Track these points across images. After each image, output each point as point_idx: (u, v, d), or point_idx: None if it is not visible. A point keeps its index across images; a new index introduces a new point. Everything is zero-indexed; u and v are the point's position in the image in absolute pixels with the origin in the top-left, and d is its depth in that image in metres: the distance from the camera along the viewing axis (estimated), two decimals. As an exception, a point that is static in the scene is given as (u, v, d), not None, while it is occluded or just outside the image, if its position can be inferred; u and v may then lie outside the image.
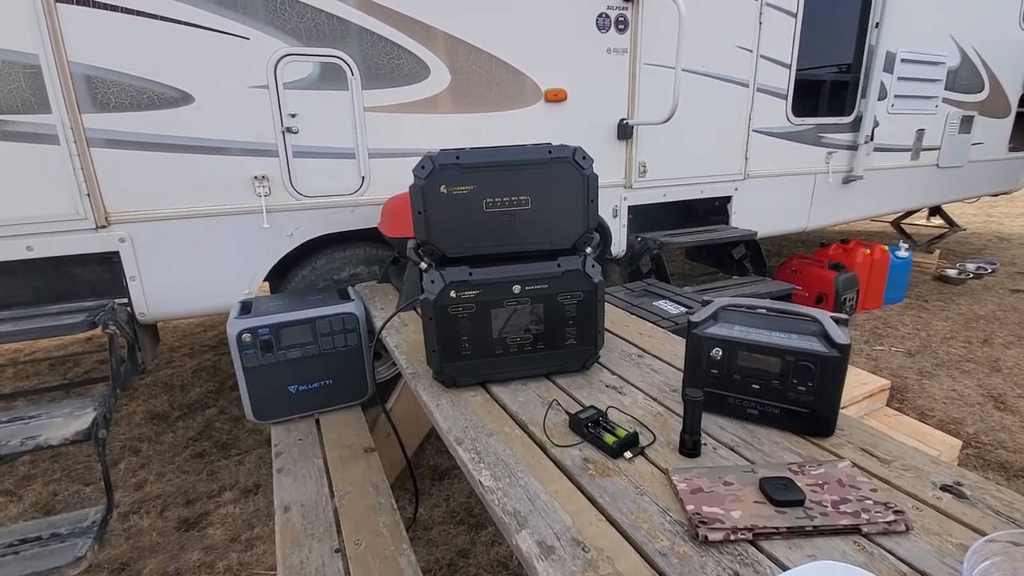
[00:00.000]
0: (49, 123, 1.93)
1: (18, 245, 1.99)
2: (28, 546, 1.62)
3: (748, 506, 0.98)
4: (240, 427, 2.96)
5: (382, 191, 2.48)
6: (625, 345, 1.75)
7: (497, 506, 1.04)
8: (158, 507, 2.36)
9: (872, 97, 3.85)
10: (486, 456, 1.19)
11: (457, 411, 1.38)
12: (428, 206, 1.36)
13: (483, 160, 1.36)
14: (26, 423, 1.76)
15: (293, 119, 2.25)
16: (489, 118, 2.61)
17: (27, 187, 1.96)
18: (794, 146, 3.63)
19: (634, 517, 0.99)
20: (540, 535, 0.96)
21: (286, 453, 1.93)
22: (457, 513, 2.29)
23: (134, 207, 2.10)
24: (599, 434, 1.20)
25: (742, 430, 1.24)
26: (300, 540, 1.51)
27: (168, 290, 2.21)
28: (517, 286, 1.41)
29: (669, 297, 2.40)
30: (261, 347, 1.98)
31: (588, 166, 1.40)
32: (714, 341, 1.25)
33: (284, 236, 2.36)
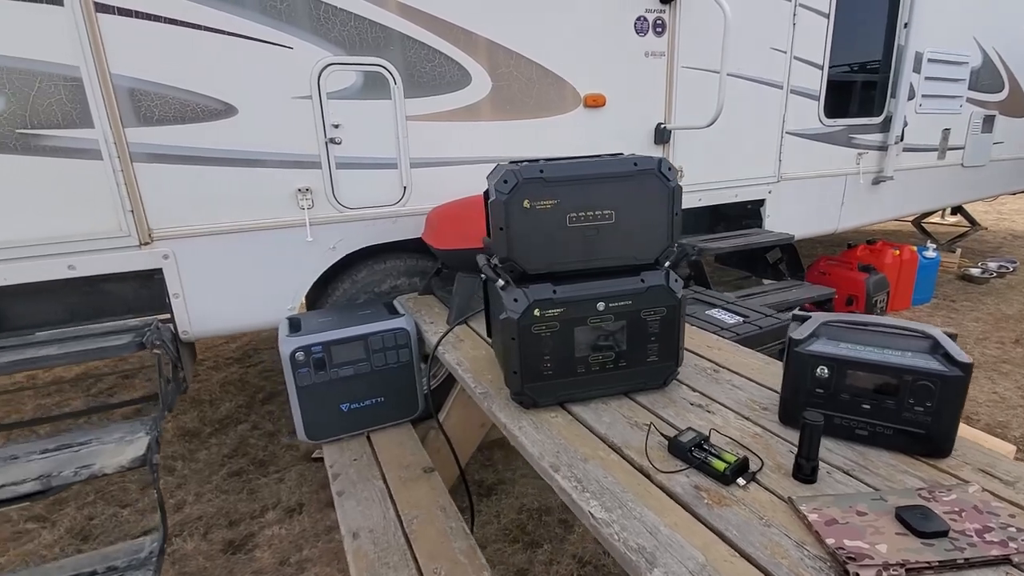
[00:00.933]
0: (92, 138, 1.87)
1: (60, 264, 1.92)
2: (84, 580, 1.56)
3: (891, 538, 0.93)
4: (275, 443, 2.90)
5: (423, 201, 2.42)
6: (696, 359, 1.70)
7: (618, 541, 0.99)
8: (201, 529, 2.30)
9: (902, 97, 3.82)
10: (588, 484, 1.14)
11: (542, 434, 1.33)
12: (510, 222, 1.31)
13: (567, 174, 1.31)
14: (76, 451, 1.70)
15: (336, 130, 2.19)
16: (529, 125, 2.56)
17: (69, 204, 1.90)
18: (826, 147, 3.59)
19: (770, 552, 0.93)
20: (675, 574, 0.90)
21: (343, 475, 1.87)
22: (510, 531, 2.24)
23: (177, 223, 2.04)
24: (706, 459, 1.14)
25: (851, 452, 1.19)
26: (376, 570, 1.45)
27: (211, 307, 2.15)
28: (601, 303, 1.36)
29: (721, 306, 2.35)
30: (314, 365, 1.92)
31: (673, 177, 1.35)
32: (820, 359, 1.20)
33: (327, 249, 2.30)
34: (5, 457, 1.68)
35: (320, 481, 2.57)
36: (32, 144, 1.82)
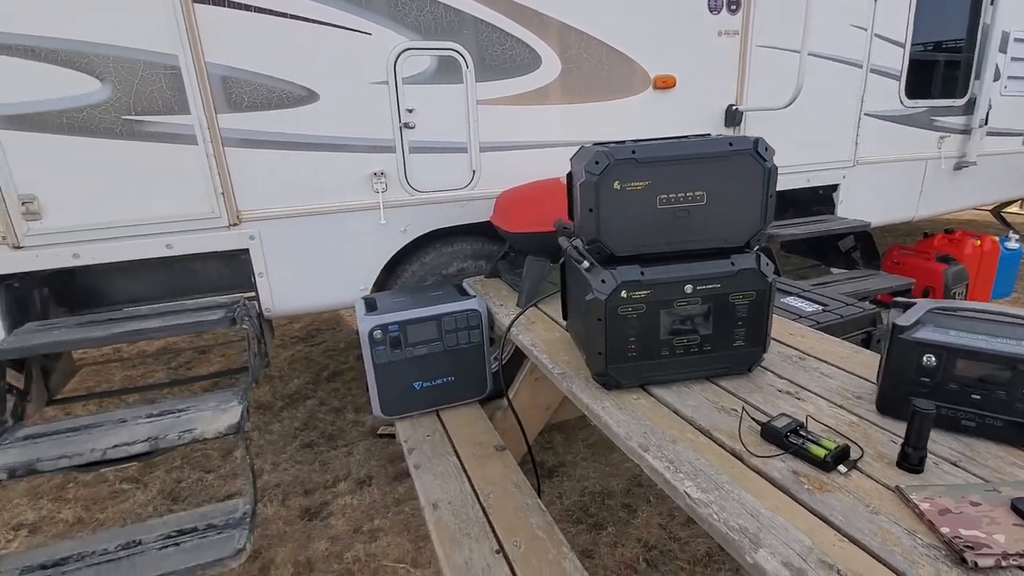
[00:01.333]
0: (188, 123, 1.98)
1: (159, 243, 2.05)
2: (187, 537, 1.68)
3: (1008, 529, 0.90)
4: (342, 418, 3.02)
5: (491, 185, 2.45)
6: (780, 347, 1.67)
7: (718, 521, 0.99)
8: (279, 496, 2.43)
9: (987, 78, 3.56)
10: (681, 465, 1.14)
11: (627, 415, 1.34)
12: (600, 203, 1.31)
13: (659, 154, 1.29)
14: (177, 416, 1.82)
15: (410, 114, 2.24)
16: (597, 108, 2.54)
17: (167, 187, 2.02)
18: (906, 130, 3.40)
19: (881, 539, 0.92)
20: (782, 555, 0.90)
21: (418, 450, 1.94)
22: (573, 512, 2.26)
23: (262, 205, 2.14)
24: (803, 445, 1.13)
25: (957, 443, 1.15)
26: (458, 539, 1.50)
27: (291, 286, 2.25)
28: (689, 286, 1.35)
29: (798, 294, 2.28)
30: (391, 344, 1.99)
31: (769, 158, 1.31)
32: (928, 347, 1.15)
33: (398, 232, 2.36)
34: (115, 420, 1.82)
35: (387, 456, 2.66)
36: (136, 130, 1.94)
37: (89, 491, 2.52)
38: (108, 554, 1.60)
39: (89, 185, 1.93)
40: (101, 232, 1.98)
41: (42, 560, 1.58)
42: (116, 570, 1.53)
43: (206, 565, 1.55)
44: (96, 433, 1.73)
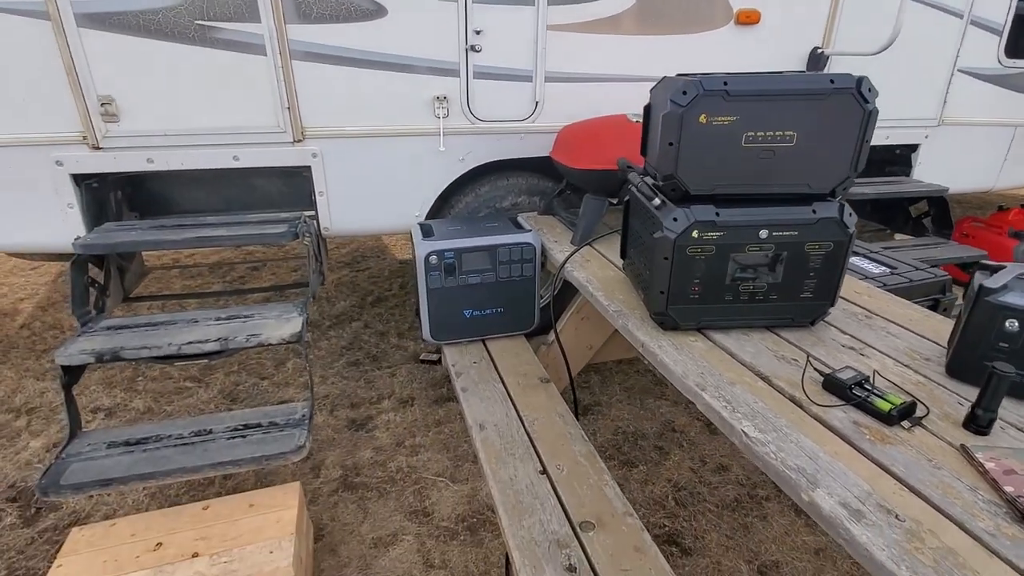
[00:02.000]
0: (258, 32, 1.97)
1: (227, 154, 2.10)
2: (252, 431, 1.81)
3: (1083, 498, 0.89)
4: (386, 342, 3.13)
5: (553, 119, 2.38)
6: (845, 304, 1.62)
7: (774, 459, 1.01)
8: (328, 407, 2.58)
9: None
10: (738, 406, 1.15)
11: (684, 355, 1.35)
12: (683, 137, 1.26)
13: (752, 88, 1.22)
14: (244, 322, 1.92)
15: (478, 36, 2.16)
16: (672, 42, 2.39)
17: (236, 98, 2.03)
18: (1000, 92, 3.10)
19: (941, 492, 0.92)
20: (840, 496, 0.92)
21: (465, 374, 2.01)
22: (606, 449, 2.34)
23: (326, 123, 2.14)
24: (867, 398, 1.12)
25: (1031, 412, 1.12)
26: (503, 458, 1.58)
27: (350, 207, 2.29)
28: (764, 231, 1.31)
29: (864, 255, 2.20)
30: (445, 270, 2.02)
31: (872, 100, 1.23)
32: (1012, 311, 1.10)
33: (456, 160, 2.34)
34: (187, 320, 1.94)
35: (428, 381, 2.77)
36: (208, 36, 1.94)
37: (156, 385, 2.72)
38: (183, 439, 1.75)
39: (163, 91, 1.97)
40: (173, 139, 2.03)
41: (125, 437, 1.74)
42: (190, 452, 1.68)
43: (270, 456, 1.68)
44: (172, 330, 1.85)
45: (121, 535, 1.55)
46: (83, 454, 1.67)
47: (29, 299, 3.61)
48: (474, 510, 2.01)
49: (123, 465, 1.62)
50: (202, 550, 1.50)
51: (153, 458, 1.65)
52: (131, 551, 1.49)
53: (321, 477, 2.16)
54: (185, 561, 1.47)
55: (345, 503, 2.04)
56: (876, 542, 0.83)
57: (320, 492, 2.09)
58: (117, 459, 1.65)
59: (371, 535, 1.91)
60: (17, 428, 2.40)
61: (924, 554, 0.81)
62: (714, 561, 1.83)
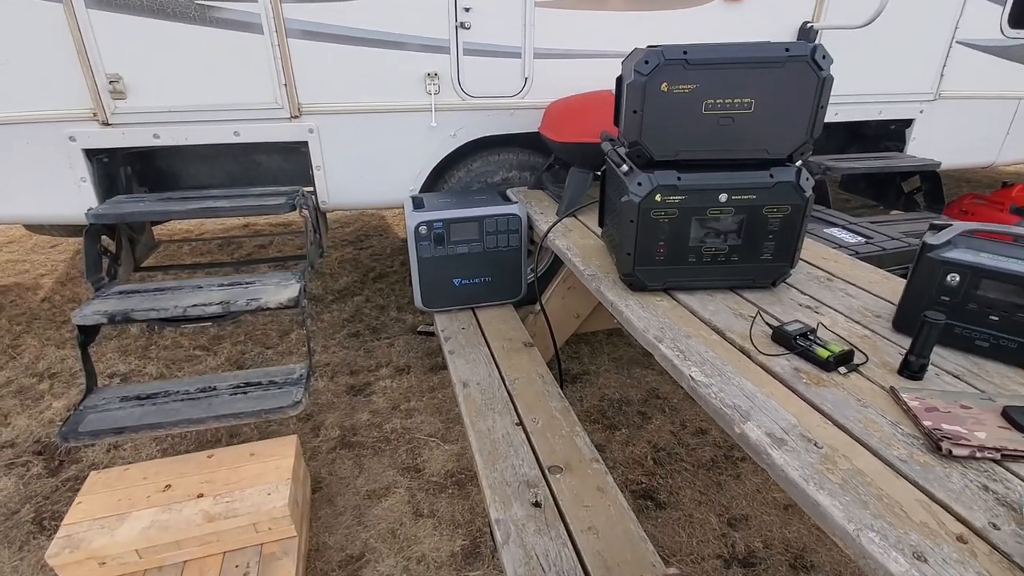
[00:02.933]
0: (255, 11, 2.06)
1: (228, 130, 2.20)
2: (253, 389, 1.94)
3: (993, 430, 0.97)
4: (386, 315, 3.25)
5: (542, 95, 2.44)
6: (809, 268, 1.69)
7: (714, 399, 1.09)
8: (329, 373, 2.71)
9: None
10: (690, 355, 1.24)
11: (648, 312, 1.43)
12: (645, 105, 1.33)
13: (711, 56, 1.29)
14: (245, 288, 2.05)
15: (467, 14, 2.23)
16: (659, 18, 2.43)
17: (235, 75, 2.13)
18: (1002, 64, 3.08)
19: (863, 426, 1.00)
20: (767, 427, 1.00)
21: (453, 338, 2.11)
22: (591, 414, 2.44)
23: (321, 99, 2.23)
24: (809, 347, 1.20)
25: (966, 361, 1.19)
26: (483, 412, 1.69)
27: (346, 181, 2.39)
28: (724, 195, 1.38)
29: (843, 225, 2.25)
30: (434, 240, 2.12)
31: (827, 67, 1.28)
32: (953, 266, 1.17)
33: (448, 136, 2.43)
34: (193, 286, 2.06)
35: (425, 351, 2.89)
36: (207, 15, 2.03)
37: (168, 353, 2.88)
38: (190, 395, 1.88)
39: (167, 69, 2.07)
40: (178, 115, 2.14)
41: (137, 392, 1.88)
42: (196, 406, 1.81)
43: (270, 410, 1.81)
44: (178, 294, 1.97)
45: (134, 478, 1.69)
46: (99, 407, 1.81)
47: (49, 275, 3.79)
48: (463, 467, 2.13)
49: (135, 416, 1.76)
50: (207, 491, 1.63)
51: (162, 410, 1.79)
52: (143, 491, 1.64)
53: (320, 436, 2.30)
54: (191, 500, 1.60)
55: (342, 459, 2.18)
56: (792, 464, 0.92)
57: (319, 449, 2.23)
58: (129, 411, 1.79)
59: (365, 488, 2.04)
60: (41, 391, 2.57)
61: (834, 474, 0.90)
62: (686, 514, 1.93)
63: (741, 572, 1.74)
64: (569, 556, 1.22)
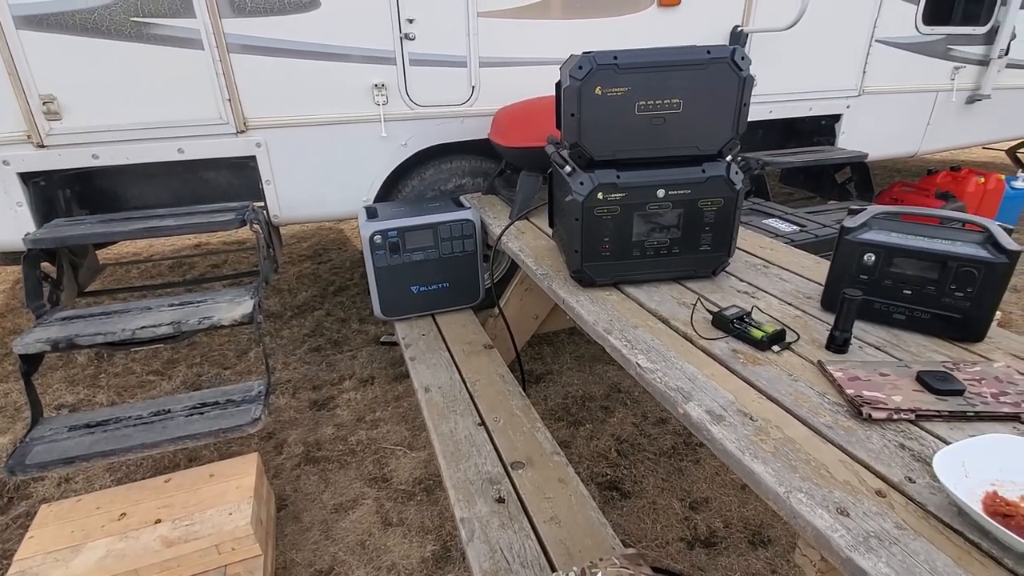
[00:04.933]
0: (194, 27, 2.03)
1: (171, 147, 2.16)
2: (209, 409, 1.90)
3: (908, 393, 1.05)
4: (348, 327, 3.23)
5: (490, 102, 2.49)
6: (748, 257, 1.79)
7: (659, 383, 1.15)
8: (290, 390, 2.67)
9: (1014, 5, 3.42)
10: (637, 344, 1.30)
11: (598, 307, 1.49)
12: (582, 108, 1.39)
13: (640, 61, 1.36)
14: (197, 306, 2.01)
15: (411, 25, 2.26)
16: (599, 25, 2.53)
17: (177, 92, 2.10)
18: (919, 59, 3.32)
19: (794, 398, 1.08)
20: (707, 406, 1.06)
21: (414, 345, 2.12)
22: (556, 411, 2.48)
23: (268, 113, 2.22)
24: (746, 329, 1.27)
25: (886, 333, 1.29)
26: (445, 414, 1.71)
27: (298, 195, 2.37)
28: (661, 190, 1.45)
29: (779, 216, 2.37)
30: (389, 249, 2.13)
31: (746, 67, 1.37)
32: (869, 246, 1.27)
33: (399, 145, 2.44)
34: (141, 307, 2.01)
35: (388, 361, 2.88)
36: (144, 32, 2.00)
37: (119, 380, 2.78)
38: (143, 419, 1.83)
39: (105, 87, 2.02)
40: (118, 134, 2.09)
41: (86, 421, 1.82)
42: (150, 430, 1.77)
43: (227, 429, 1.78)
44: (126, 317, 1.92)
45: (87, 508, 1.63)
46: (46, 437, 1.75)
47: (-13, 306, 3.60)
48: (430, 473, 2.13)
49: (85, 444, 1.71)
50: (164, 516, 1.59)
51: (114, 437, 1.74)
52: (97, 521, 1.58)
53: (284, 454, 2.27)
54: (149, 527, 1.56)
55: (307, 475, 2.15)
56: (729, 437, 0.98)
57: (283, 467, 2.19)
58: (79, 440, 1.73)
59: (332, 502, 2.02)
60: (-19, 428, 2.45)
61: (767, 444, 0.96)
62: (650, 501, 1.99)
63: (704, 552, 1.80)
64: (533, 547, 1.25)
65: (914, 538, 0.77)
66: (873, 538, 0.78)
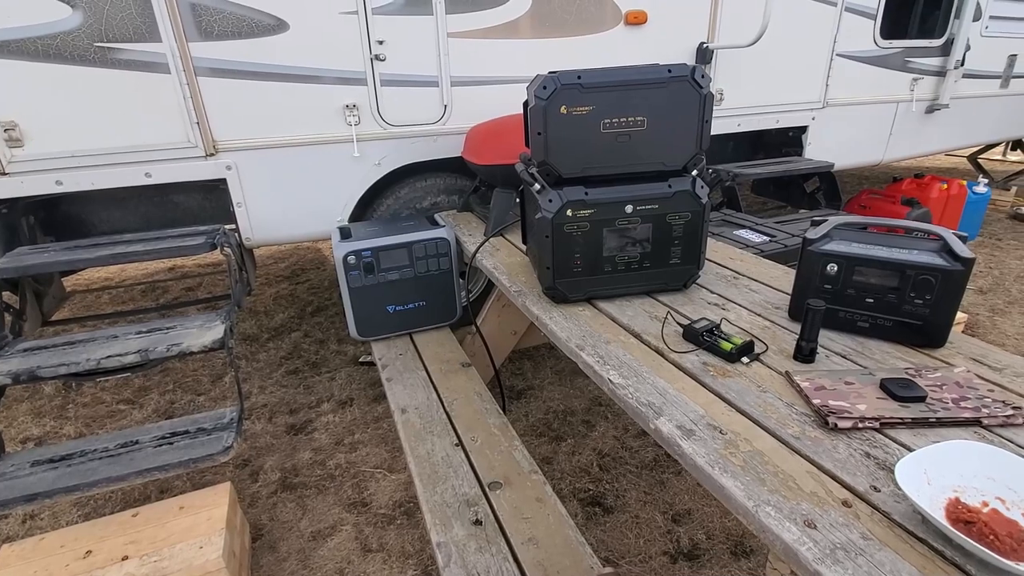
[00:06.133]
0: (160, 51, 2.02)
1: (138, 172, 2.13)
2: (179, 438, 1.85)
3: (872, 401, 1.07)
4: (326, 348, 3.19)
5: (463, 120, 2.51)
6: (719, 268, 1.81)
7: (631, 399, 1.15)
8: (267, 415, 2.62)
9: (967, 17, 3.57)
10: (609, 360, 1.30)
11: (571, 323, 1.49)
12: (548, 127, 1.41)
13: (603, 80, 1.38)
14: (165, 333, 1.96)
15: (381, 46, 2.27)
16: (568, 44, 2.57)
17: (143, 116, 2.07)
18: (879, 72, 3.44)
19: (762, 410, 1.09)
20: (678, 421, 1.07)
21: (391, 365, 2.10)
22: (537, 427, 2.47)
23: (238, 136, 2.20)
24: (715, 342, 1.29)
25: (852, 341, 1.31)
26: (422, 436, 1.69)
27: (270, 216, 2.35)
28: (629, 206, 1.47)
29: (750, 227, 2.42)
30: (364, 269, 2.11)
31: (706, 85, 1.41)
32: (831, 257, 1.29)
33: (372, 165, 2.44)
34: (107, 336, 1.96)
35: (367, 381, 2.85)
36: (108, 57, 1.97)
37: (88, 411, 2.69)
38: (109, 451, 1.77)
39: (68, 113, 1.99)
40: (82, 159, 2.05)
41: (49, 455, 1.75)
42: (116, 463, 1.71)
43: (198, 459, 1.73)
44: (91, 346, 1.87)
45: (51, 547, 1.57)
46: (7, 474, 1.68)
47: (-52, 338, 3.47)
48: (411, 496, 2.10)
49: (48, 480, 1.64)
50: (132, 553, 1.54)
51: (78, 471, 1.68)
52: (61, 561, 1.52)
53: (260, 481, 2.21)
54: (115, 564, 1.51)
55: (284, 503, 2.10)
56: (699, 452, 0.98)
57: (259, 495, 2.14)
58: (41, 476, 1.67)
59: (310, 529, 1.98)
60: (-61, 466, 2.34)
61: (736, 457, 0.96)
62: (633, 516, 1.98)
63: (687, 565, 1.80)
64: (511, 570, 1.23)
65: (880, 548, 0.78)
66: (840, 550, 0.78)
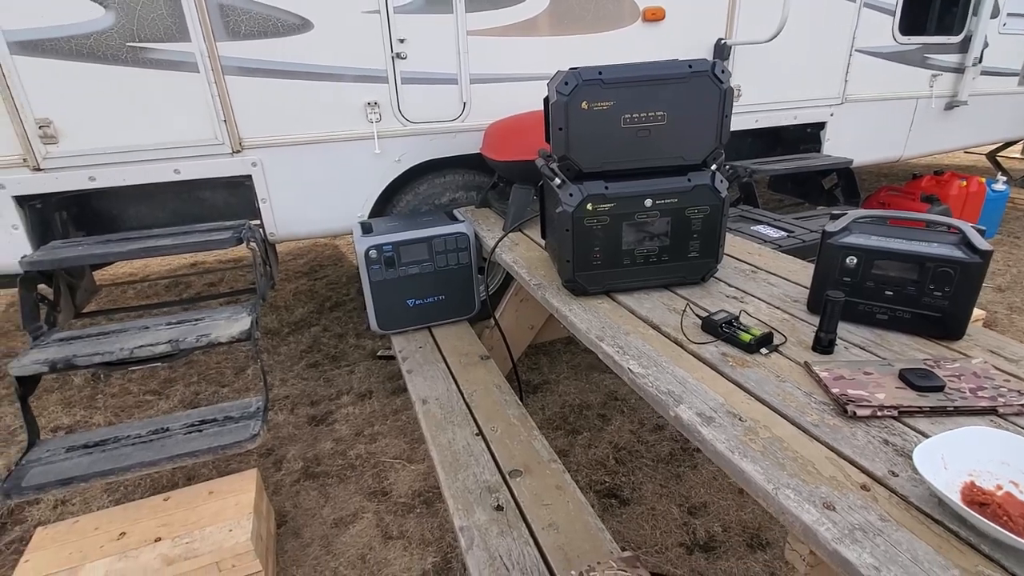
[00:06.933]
0: (189, 51, 2.08)
1: (167, 168, 2.19)
2: (208, 426, 1.91)
3: (891, 391, 1.08)
4: (345, 342, 3.24)
5: (482, 117, 2.54)
6: (736, 263, 1.82)
7: (651, 387, 1.18)
8: (288, 406, 2.68)
9: (984, 14, 3.53)
10: (629, 350, 1.33)
11: (590, 315, 1.52)
12: (569, 122, 1.44)
13: (624, 76, 1.41)
14: (194, 324, 2.02)
15: (402, 44, 2.31)
16: (586, 40, 2.59)
17: (173, 114, 2.14)
18: (898, 68, 3.41)
19: (781, 399, 1.11)
20: (697, 408, 1.09)
21: (411, 358, 2.14)
22: (554, 420, 2.50)
23: (263, 133, 2.26)
24: (734, 333, 1.31)
25: (870, 333, 1.32)
26: (443, 425, 1.72)
27: (293, 212, 2.40)
28: (649, 200, 1.49)
29: (768, 222, 2.42)
30: (385, 263, 2.16)
31: (726, 80, 1.42)
32: (850, 250, 1.31)
33: (393, 161, 2.49)
34: (139, 327, 2.03)
35: (386, 375, 2.90)
36: (140, 56, 2.04)
37: (116, 401, 2.78)
38: (141, 438, 1.84)
39: (101, 110, 2.06)
40: (114, 156, 2.12)
41: (84, 441, 1.82)
42: (149, 449, 1.77)
43: (226, 446, 1.78)
44: (123, 336, 1.94)
45: (85, 529, 1.63)
46: (43, 459, 1.75)
47: (-19, 330, 3.59)
48: (430, 485, 2.14)
49: (83, 465, 1.71)
50: (164, 535, 1.60)
51: (112, 457, 1.74)
52: (95, 542, 1.58)
53: (283, 470, 2.27)
54: (148, 545, 1.57)
55: (307, 491, 2.15)
56: (720, 438, 1.00)
57: (282, 483, 2.20)
58: (76, 461, 1.73)
59: (332, 517, 2.03)
60: (-24, 452, 2.44)
61: (756, 443, 0.99)
62: (649, 508, 2.00)
63: (703, 557, 1.82)
64: (532, 553, 1.26)
65: (897, 529, 0.80)
66: (858, 530, 0.80)
